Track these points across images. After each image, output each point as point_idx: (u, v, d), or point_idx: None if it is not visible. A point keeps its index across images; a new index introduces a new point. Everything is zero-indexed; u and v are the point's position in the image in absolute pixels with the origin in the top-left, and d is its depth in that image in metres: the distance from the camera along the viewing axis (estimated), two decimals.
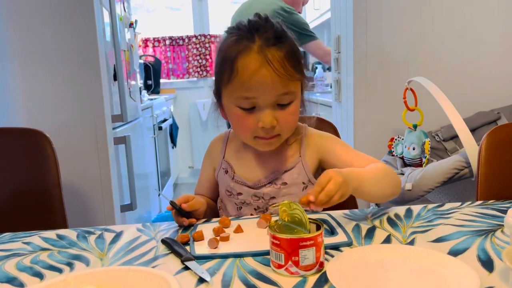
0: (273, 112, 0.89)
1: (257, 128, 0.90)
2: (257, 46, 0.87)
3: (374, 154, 1.91)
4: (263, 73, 0.86)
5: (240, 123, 0.93)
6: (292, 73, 0.88)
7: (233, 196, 1.01)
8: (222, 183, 1.03)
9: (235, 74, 0.88)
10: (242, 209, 1.01)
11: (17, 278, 0.71)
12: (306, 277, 0.65)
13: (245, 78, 0.87)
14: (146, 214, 2.76)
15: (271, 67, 0.86)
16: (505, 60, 1.98)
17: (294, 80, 0.89)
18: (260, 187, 0.98)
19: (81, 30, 1.76)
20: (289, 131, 0.95)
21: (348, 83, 2.03)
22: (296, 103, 0.92)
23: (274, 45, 0.88)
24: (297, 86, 0.92)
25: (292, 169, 0.97)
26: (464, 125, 1.45)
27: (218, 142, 1.07)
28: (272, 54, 0.87)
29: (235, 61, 0.88)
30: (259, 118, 0.89)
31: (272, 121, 0.89)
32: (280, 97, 0.89)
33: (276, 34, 0.89)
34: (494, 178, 1.13)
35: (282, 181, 0.97)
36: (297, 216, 0.69)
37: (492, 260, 0.68)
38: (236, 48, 0.89)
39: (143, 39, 4.50)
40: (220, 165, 1.03)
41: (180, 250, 0.75)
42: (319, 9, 3.82)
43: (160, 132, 3.45)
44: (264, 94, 0.88)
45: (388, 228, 0.84)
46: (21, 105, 1.81)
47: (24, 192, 1.27)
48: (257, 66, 0.86)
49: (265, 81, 0.86)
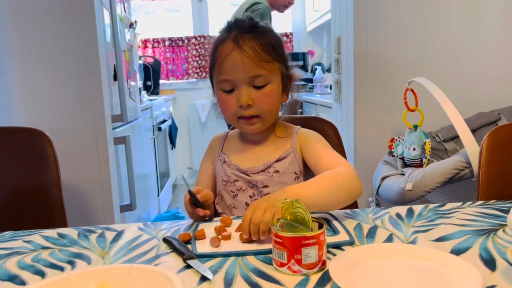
0: (249, 92, 0.99)
1: (237, 107, 1.00)
2: (233, 35, 1.00)
3: (374, 154, 1.93)
4: (234, 56, 0.98)
5: (223, 104, 1.03)
6: (263, 56, 0.98)
7: (229, 184, 1.06)
8: (219, 175, 1.09)
9: (215, 61, 1.01)
10: (238, 196, 1.05)
11: (19, 276, 0.71)
12: (308, 276, 0.65)
13: (220, 62, 1.00)
14: (145, 215, 2.76)
15: (241, 50, 0.97)
16: (506, 61, 1.98)
17: (265, 62, 0.98)
18: (253, 173, 1.04)
19: (81, 30, 1.76)
20: (268, 113, 1.02)
21: (348, 84, 2.03)
22: (272, 87, 1.01)
23: (248, 33, 0.99)
24: (272, 70, 1.00)
25: (284, 159, 1.04)
26: (465, 126, 1.45)
27: (217, 139, 1.16)
28: (243, 40, 0.98)
29: (215, 51, 1.02)
30: (237, 98, 1.00)
31: (247, 99, 0.98)
32: (253, 78, 0.98)
33: (251, 24, 1.01)
34: (495, 178, 1.13)
35: (274, 169, 1.03)
36: (299, 215, 0.69)
37: (494, 259, 0.68)
38: (217, 40, 1.03)
39: (143, 40, 4.50)
40: (218, 157, 1.11)
41: (182, 248, 0.75)
42: (318, 11, 3.82)
43: (160, 133, 3.45)
44: (238, 75, 0.98)
45: (390, 227, 0.84)
46: (21, 105, 1.81)
47: (24, 191, 1.27)
48: (229, 51, 0.98)
49: (236, 62, 0.98)
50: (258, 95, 0.99)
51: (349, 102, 2.03)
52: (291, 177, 1.03)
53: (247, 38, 0.98)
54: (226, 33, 1.02)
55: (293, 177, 1.03)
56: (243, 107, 0.99)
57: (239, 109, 1.00)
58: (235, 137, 1.13)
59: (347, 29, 2.00)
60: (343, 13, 2.05)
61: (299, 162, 1.04)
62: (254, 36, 0.99)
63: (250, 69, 0.97)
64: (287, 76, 1.05)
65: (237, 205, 1.05)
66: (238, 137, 1.12)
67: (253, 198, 1.03)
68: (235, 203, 1.05)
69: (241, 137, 1.11)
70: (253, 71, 0.97)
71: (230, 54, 0.98)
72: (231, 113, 1.02)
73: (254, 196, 1.03)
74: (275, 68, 1.01)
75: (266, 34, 1.01)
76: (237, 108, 1.00)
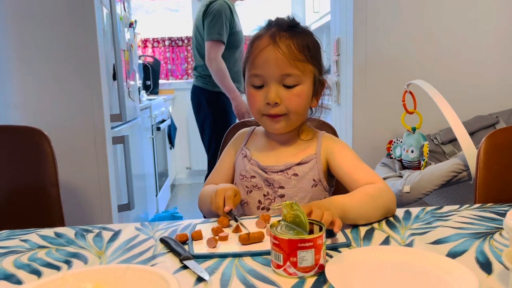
0: (278, 90, 0.97)
1: (264, 104, 0.99)
2: (271, 32, 0.99)
3: (372, 156, 1.93)
4: (268, 51, 0.96)
5: (251, 100, 1.02)
6: (297, 55, 0.96)
7: (246, 179, 1.05)
8: (238, 168, 1.09)
9: (249, 55, 1.01)
10: (252, 192, 1.04)
11: (15, 275, 0.71)
12: (304, 278, 0.65)
13: (254, 56, 0.99)
14: (144, 215, 2.76)
15: (276, 46, 0.96)
16: (504, 65, 1.98)
17: (298, 62, 0.96)
18: (272, 172, 1.02)
19: (81, 29, 1.76)
20: (295, 114, 1.00)
21: (347, 86, 2.03)
22: (303, 88, 0.99)
23: (285, 31, 0.98)
24: (305, 71, 0.98)
25: (305, 164, 1.02)
26: (463, 129, 1.45)
27: (243, 133, 1.16)
28: (280, 37, 0.97)
29: (251, 45, 1.01)
30: (266, 95, 0.98)
31: (275, 97, 0.97)
32: (284, 76, 0.97)
33: (290, 23, 1.01)
34: (492, 181, 1.13)
35: (293, 172, 1.02)
36: (298, 217, 0.69)
37: (490, 262, 0.68)
38: (255, 36, 1.02)
39: (143, 39, 4.50)
40: (240, 151, 1.11)
41: (178, 249, 0.75)
42: (318, 12, 3.82)
43: (158, 133, 3.45)
44: (269, 71, 0.97)
45: (387, 229, 0.84)
46: (20, 103, 1.80)
47: (21, 190, 1.27)
48: (264, 45, 0.97)
49: (269, 58, 0.96)
50: (287, 94, 0.97)
51: (348, 104, 2.03)
52: (309, 184, 1.01)
53: (284, 36, 0.97)
54: (264, 29, 1.01)
55: (311, 184, 1.01)
56: (270, 105, 0.98)
57: (265, 106, 0.99)
58: (260, 133, 1.12)
59: (347, 31, 2.00)
60: (342, 15, 2.05)
61: (320, 170, 1.01)
62: (292, 35, 0.97)
63: (283, 67, 0.96)
64: (320, 81, 1.03)
65: (249, 201, 1.05)
66: (263, 134, 1.11)
67: (266, 197, 1.03)
68: (248, 199, 1.05)
69: (266, 135, 1.10)
70: (284, 69, 0.96)
71: (265, 49, 0.97)
72: (256, 109, 1.01)
73: (268, 195, 1.03)
74: (308, 70, 0.99)
75: (304, 35, 1.00)
76: (264, 104, 0.99)
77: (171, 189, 4.28)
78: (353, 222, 0.86)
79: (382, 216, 0.89)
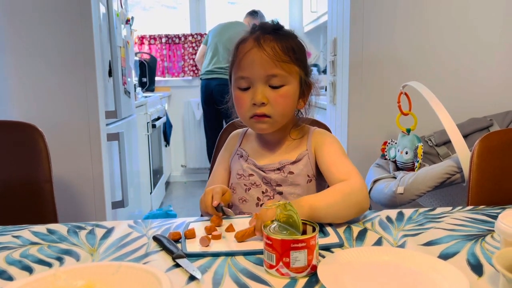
0: (264, 91, 0.98)
1: (251, 105, 0.99)
2: (255, 35, 1.00)
3: (367, 157, 1.94)
4: (253, 53, 0.98)
5: (238, 102, 1.03)
6: (282, 57, 0.97)
7: (244, 177, 1.06)
8: (234, 168, 1.10)
9: (235, 58, 1.02)
10: (250, 190, 1.05)
11: (6, 272, 0.71)
12: (297, 278, 0.65)
13: (239, 59, 1.00)
14: (138, 212, 2.75)
15: (261, 48, 0.98)
16: (499, 68, 1.99)
17: (283, 63, 0.97)
18: (269, 170, 1.04)
19: (77, 25, 1.75)
20: (280, 115, 1.01)
21: (343, 86, 2.04)
22: (288, 89, 1.00)
23: (269, 34, 1.00)
24: (290, 72, 0.99)
25: (299, 161, 1.03)
26: (457, 131, 1.46)
27: (235, 135, 1.17)
28: (265, 39, 0.99)
29: (237, 49, 1.02)
30: (252, 96, 0.99)
31: (262, 97, 0.98)
32: (270, 77, 0.98)
33: (274, 27, 1.02)
34: (485, 183, 1.14)
35: (289, 170, 1.03)
36: (291, 218, 0.69)
37: (481, 264, 0.68)
38: (240, 39, 1.04)
39: (139, 36, 4.48)
40: (235, 152, 1.12)
41: (171, 247, 0.75)
42: (316, 12, 3.83)
43: (154, 130, 3.44)
44: (254, 72, 0.98)
45: (380, 230, 0.84)
46: (14, 99, 1.79)
47: (15, 186, 1.26)
48: (249, 48, 0.99)
49: (254, 59, 0.98)
50: (273, 95, 0.98)
51: (343, 104, 2.04)
52: (304, 180, 1.03)
53: (268, 39, 0.98)
54: (249, 33, 1.02)
55: (306, 180, 1.03)
56: (256, 105, 0.98)
57: (252, 107, 0.99)
58: (253, 134, 1.13)
59: (343, 31, 2.01)
60: (339, 15, 2.05)
61: (312, 165, 1.03)
62: (276, 37, 0.99)
63: (268, 67, 0.97)
64: (306, 83, 1.04)
65: (248, 199, 1.05)
66: (256, 135, 1.12)
67: (265, 194, 1.04)
68: (247, 197, 1.05)
69: (258, 136, 1.11)
70: (270, 70, 0.97)
71: (250, 52, 0.98)
72: (244, 111, 1.01)
73: (266, 192, 1.04)
74: (294, 71, 1.00)
75: (288, 38, 1.01)
76: (251, 106, 0.99)
77: (166, 187, 4.27)
78: (324, 220, 0.86)
79: (355, 215, 0.90)
